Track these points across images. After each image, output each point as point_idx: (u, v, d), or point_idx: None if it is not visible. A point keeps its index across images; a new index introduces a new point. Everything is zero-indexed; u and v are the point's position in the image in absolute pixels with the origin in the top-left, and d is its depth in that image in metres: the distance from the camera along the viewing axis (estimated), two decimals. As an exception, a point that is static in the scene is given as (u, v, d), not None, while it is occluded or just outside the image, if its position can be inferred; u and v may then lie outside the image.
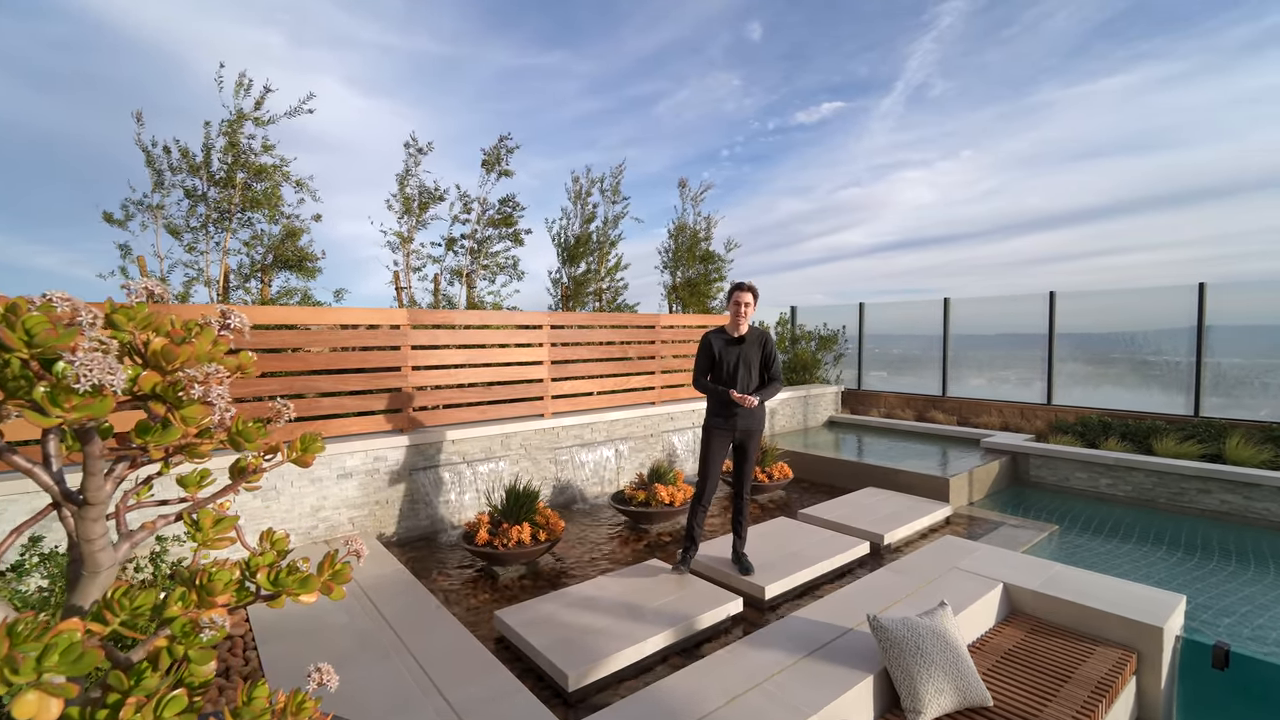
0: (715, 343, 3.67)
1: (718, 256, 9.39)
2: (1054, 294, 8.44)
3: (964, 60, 24.80)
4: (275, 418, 1.13)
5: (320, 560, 1.14)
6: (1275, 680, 2.88)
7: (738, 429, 3.60)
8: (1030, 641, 2.98)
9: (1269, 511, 5.23)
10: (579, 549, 4.37)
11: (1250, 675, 2.94)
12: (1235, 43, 22.17)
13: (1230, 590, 4.09)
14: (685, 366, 7.11)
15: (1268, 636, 3.45)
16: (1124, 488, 6.02)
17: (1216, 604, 3.88)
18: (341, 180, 10.55)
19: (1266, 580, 4.25)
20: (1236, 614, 3.73)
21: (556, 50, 18.66)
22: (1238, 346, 7.29)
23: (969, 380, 9.68)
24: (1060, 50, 23.65)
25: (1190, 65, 23.51)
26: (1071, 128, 26.45)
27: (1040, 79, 24.82)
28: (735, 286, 3.65)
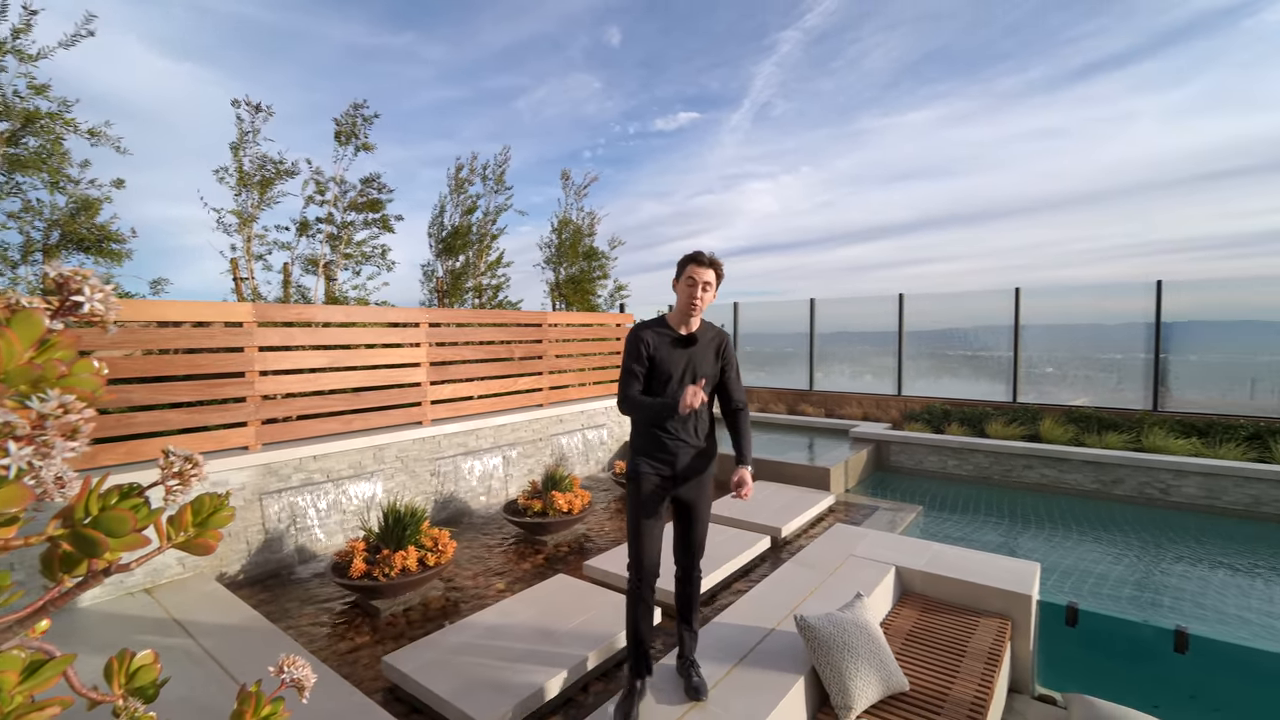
0: (651, 340, 2.34)
1: (601, 254, 9.24)
2: (903, 296, 9.39)
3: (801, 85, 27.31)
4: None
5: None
6: (1112, 630, 3.33)
7: (679, 475, 2.35)
8: (925, 620, 3.16)
9: (1077, 482, 6.19)
10: (472, 569, 3.96)
11: (1092, 628, 3.37)
12: (1008, 90, 26.72)
13: (1062, 553, 4.74)
14: (574, 366, 6.85)
15: (1100, 591, 4.02)
16: (967, 467, 6.81)
17: (1057, 566, 4.46)
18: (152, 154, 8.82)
19: (1087, 543, 4.98)
20: (1074, 574, 4.32)
21: (407, 32, 17.37)
22: (1042, 342, 8.62)
23: (833, 374, 10.48)
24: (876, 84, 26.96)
25: (975, 106, 28.01)
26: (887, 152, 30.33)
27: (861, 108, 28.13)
28: (689, 259, 2.35)
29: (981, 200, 42.42)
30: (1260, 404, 6.86)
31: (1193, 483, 5.65)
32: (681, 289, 2.36)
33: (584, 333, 7.14)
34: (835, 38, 24.15)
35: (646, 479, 2.33)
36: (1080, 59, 26.15)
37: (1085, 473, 6.13)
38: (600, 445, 6.91)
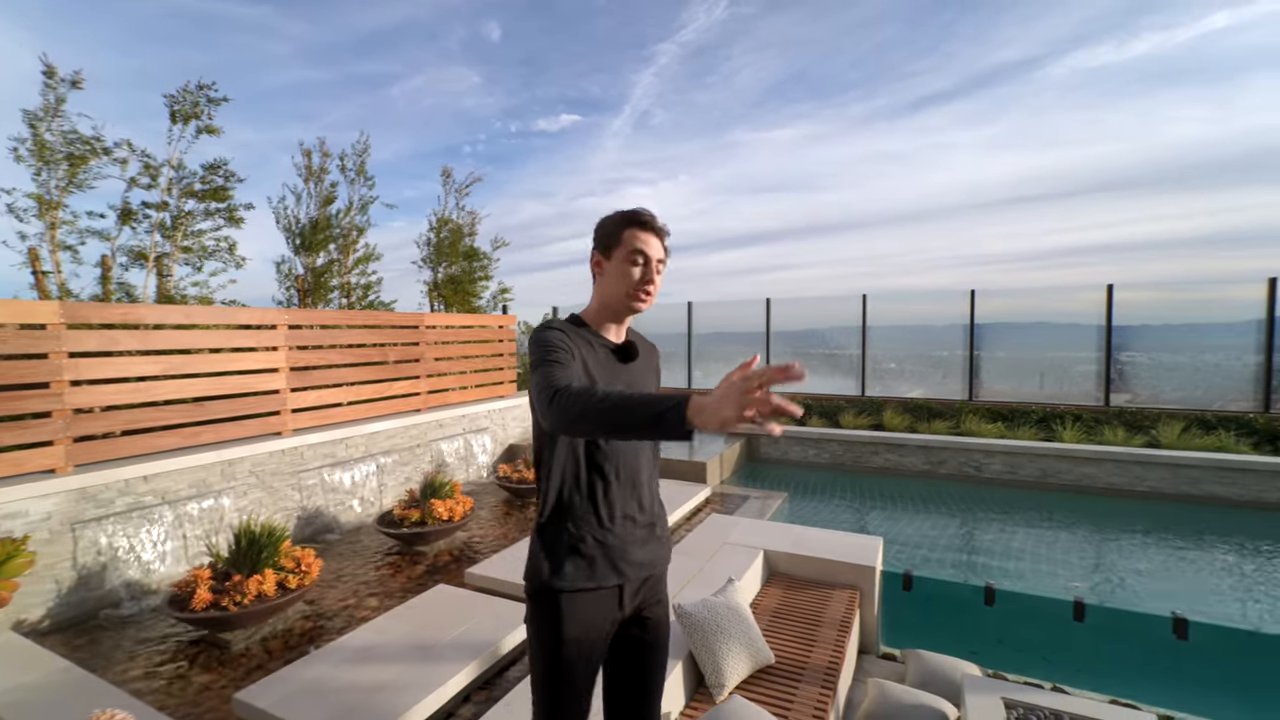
0: (578, 348, 1.40)
1: (483, 254, 8.99)
2: (770, 300, 10.13)
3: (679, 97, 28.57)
4: None
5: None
6: (938, 591, 3.89)
7: (630, 588, 1.44)
8: (789, 597, 3.48)
9: (912, 464, 7.09)
10: (342, 588, 3.71)
11: (923, 591, 3.91)
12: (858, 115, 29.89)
13: (902, 526, 5.41)
14: (454, 369, 6.61)
15: (930, 558, 4.65)
16: (825, 456, 7.53)
17: (898, 539, 5.09)
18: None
19: (920, 517, 5.73)
20: (911, 544, 4.95)
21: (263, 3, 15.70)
22: (886, 341, 9.73)
23: (711, 374, 11.04)
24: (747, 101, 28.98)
25: (831, 128, 31.12)
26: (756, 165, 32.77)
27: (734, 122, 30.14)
28: (629, 219, 1.45)
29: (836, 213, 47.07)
30: (1048, 393, 8.29)
31: (998, 460, 6.71)
32: (616, 269, 1.42)
33: (465, 335, 6.92)
34: (709, 54, 25.45)
35: (577, 607, 1.34)
36: (914, 93, 29.86)
37: (918, 456, 7.04)
38: (484, 450, 6.74)
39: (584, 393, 1.13)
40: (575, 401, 1.12)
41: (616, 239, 1.46)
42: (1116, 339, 7.99)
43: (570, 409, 1.13)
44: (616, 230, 1.46)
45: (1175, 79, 38.26)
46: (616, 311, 1.50)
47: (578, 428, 1.15)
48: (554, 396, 1.16)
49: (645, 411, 1.03)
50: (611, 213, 1.50)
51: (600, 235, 1.49)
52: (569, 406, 1.13)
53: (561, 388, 1.18)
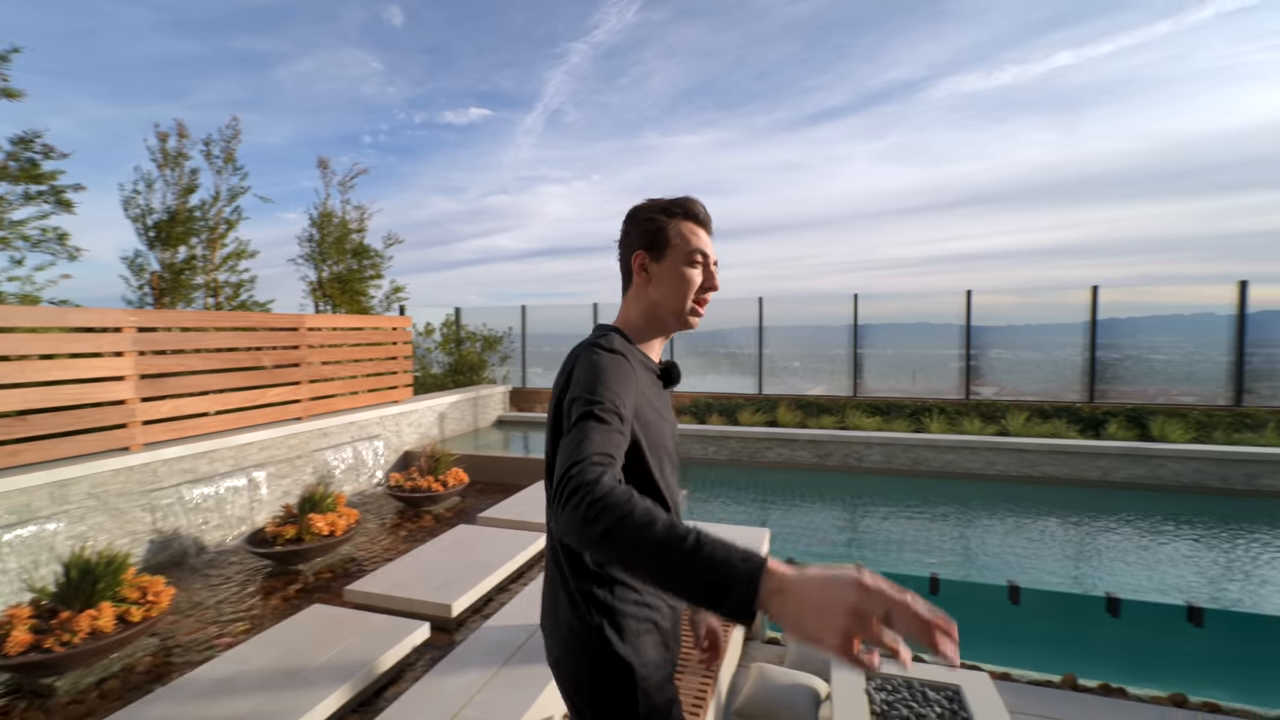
0: (635, 384, 1.09)
1: (374, 251, 8.52)
2: (674, 301, 10.39)
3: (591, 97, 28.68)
4: None
5: None
6: (816, 575, 4.17)
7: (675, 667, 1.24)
8: (679, 591, 3.59)
9: (802, 458, 7.54)
10: (200, 617, 3.38)
11: (804, 576, 4.18)
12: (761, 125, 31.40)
13: (792, 516, 5.74)
14: (342, 374, 6.22)
15: (814, 546, 4.97)
16: (724, 452, 7.83)
17: (787, 528, 5.39)
18: None
19: (809, 507, 6.11)
20: (799, 532, 5.26)
21: (122, -41, 13.97)
22: (782, 341, 10.28)
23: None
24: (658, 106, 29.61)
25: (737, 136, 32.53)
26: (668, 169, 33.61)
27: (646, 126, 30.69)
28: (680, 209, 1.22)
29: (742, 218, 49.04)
30: (919, 388, 9.12)
31: (877, 451, 7.29)
32: (672, 273, 1.18)
33: (354, 337, 6.53)
34: (621, 56, 25.67)
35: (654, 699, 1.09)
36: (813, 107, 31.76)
37: (808, 450, 7.50)
38: (375, 458, 6.39)
39: (621, 506, 0.74)
40: (606, 516, 0.74)
41: (669, 236, 1.19)
42: (976, 338, 8.93)
43: (593, 523, 0.75)
44: (669, 224, 1.19)
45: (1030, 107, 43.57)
46: (665, 325, 1.24)
47: (594, 548, 0.76)
48: (577, 493, 0.79)
49: (703, 577, 0.68)
50: (649, 201, 1.23)
51: (645, 231, 1.20)
52: (592, 518, 0.75)
53: (591, 482, 0.79)
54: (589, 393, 0.98)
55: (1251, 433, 6.74)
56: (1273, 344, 8.04)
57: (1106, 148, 32.37)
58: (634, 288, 1.24)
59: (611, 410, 0.96)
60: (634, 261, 1.22)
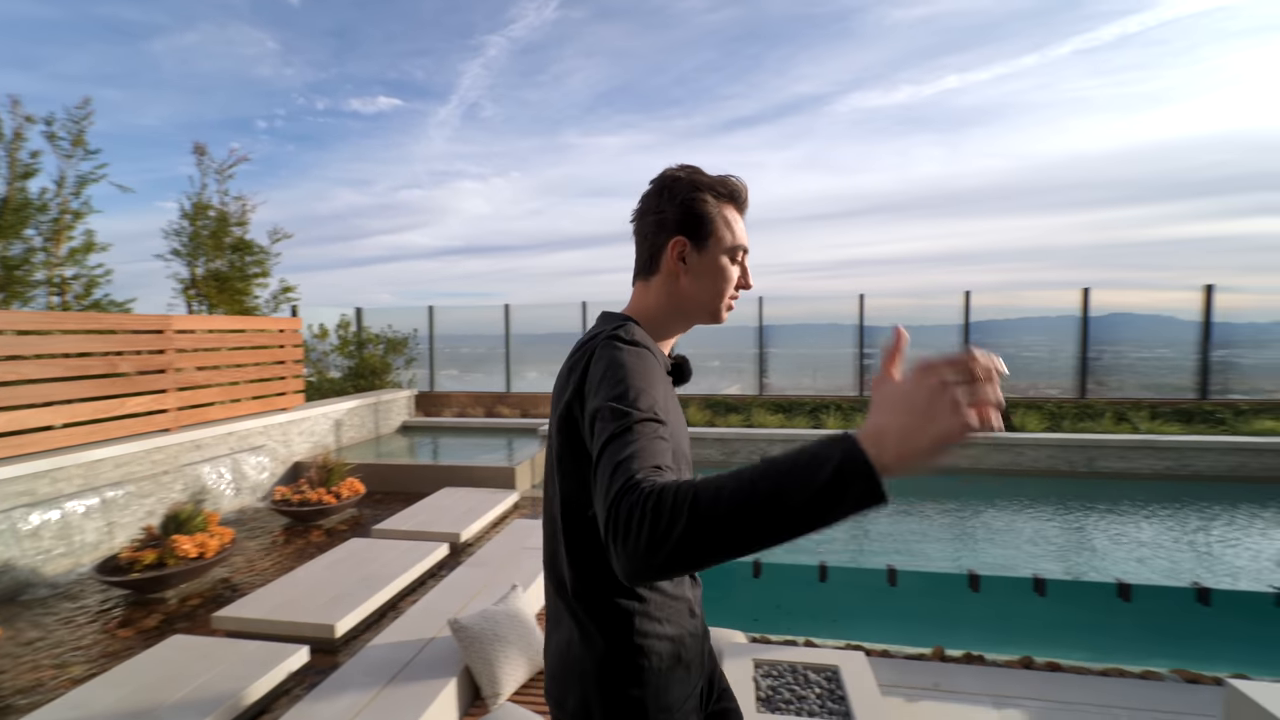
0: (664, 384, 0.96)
1: (258, 247, 7.87)
2: (585, 304, 10.37)
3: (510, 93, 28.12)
4: None
5: None
6: (720, 569, 4.30)
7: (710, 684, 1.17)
8: (581, 594, 3.59)
9: (709, 457, 7.77)
10: (30, 660, 2.98)
11: (707, 571, 4.30)
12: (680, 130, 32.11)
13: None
14: (220, 380, 5.71)
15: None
16: (635, 453, 7.94)
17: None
18: None
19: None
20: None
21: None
22: (697, 341, 10.53)
23: (529, 375, 10.97)
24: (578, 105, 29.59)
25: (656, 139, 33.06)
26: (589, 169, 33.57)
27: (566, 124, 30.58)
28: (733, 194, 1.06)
29: (660, 220, 50.37)
30: (819, 385, 9.66)
31: (778, 448, 7.64)
32: (711, 266, 1.04)
33: (234, 339, 6.01)
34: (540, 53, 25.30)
35: None
36: (727, 115, 32.87)
37: (715, 448, 7.74)
38: (261, 471, 5.92)
39: (708, 501, 0.60)
40: (705, 524, 0.59)
41: (714, 223, 1.03)
42: (869, 338, 9.58)
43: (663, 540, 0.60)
44: (715, 209, 1.03)
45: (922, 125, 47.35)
46: (689, 320, 1.10)
47: (684, 562, 0.62)
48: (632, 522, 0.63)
49: (811, 487, 0.58)
50: (691, 173, 1.05)
51: (690, 213, 1.02)
52: (696, 535, 0.60)
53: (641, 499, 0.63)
54: (621, 400, 0.81)
55: (1092, 421, 7.69)
56: (1110, 342, 9.24)
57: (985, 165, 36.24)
58: (662, 275, 1.04)
59: (651, 416, 0.80)
60: (670, 247, 1.02)
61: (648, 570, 0.62)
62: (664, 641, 0.95)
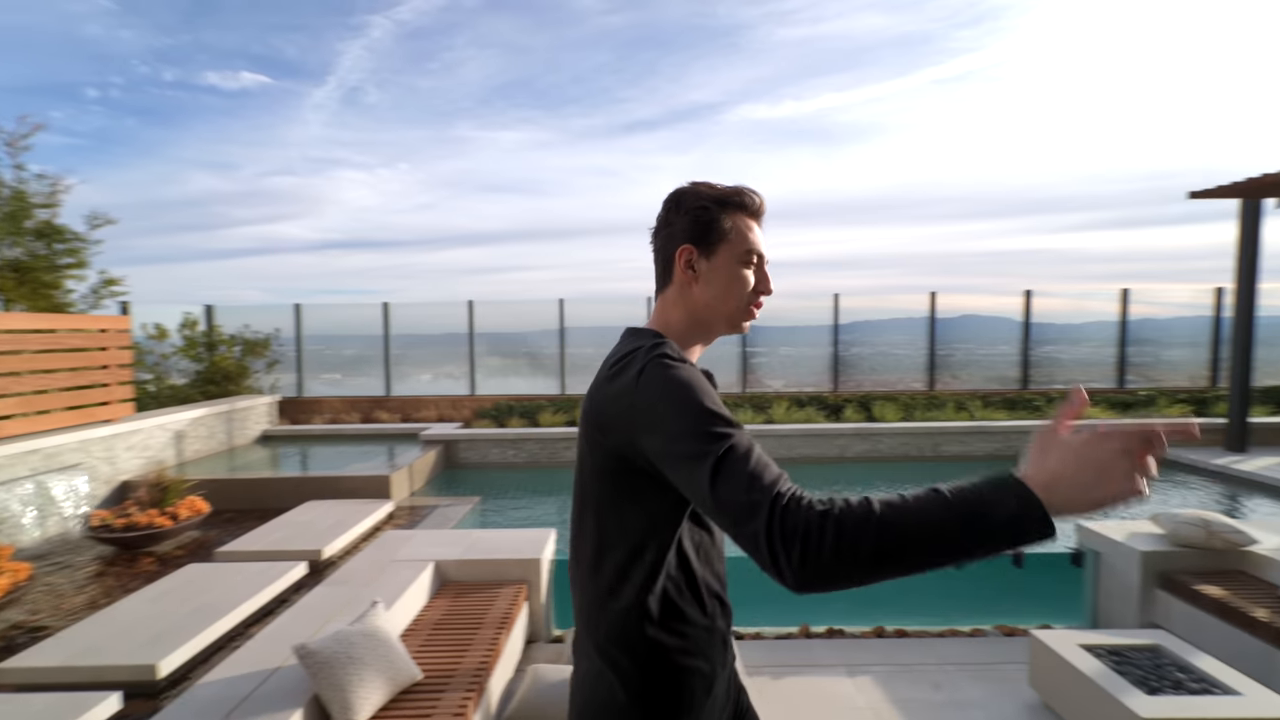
0: None
1: (71, 233, 6.75)
2: (472, 302, 10.01)
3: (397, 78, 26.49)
4: None
5: None
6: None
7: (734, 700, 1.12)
8: (456, 605, 3.43)
9: (599, 454, 7.80)
10: None
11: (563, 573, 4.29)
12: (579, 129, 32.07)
13: (581, 514, 5.89)
14: (16, 389, 4.83)
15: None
16: (523, 455, 7.75)
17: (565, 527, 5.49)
18: None
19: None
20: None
21: None
22: (586, 341, 10.51)
23: (411, 378, 10.38)
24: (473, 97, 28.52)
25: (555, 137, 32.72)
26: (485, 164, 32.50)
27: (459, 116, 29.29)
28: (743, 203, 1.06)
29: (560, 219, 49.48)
30: (705, 384, 10.02)
31: (666, 444, 7.82)
32: (725, 273, 1.04)
33: (39, 341, 5.12)
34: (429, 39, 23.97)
35: None
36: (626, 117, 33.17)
37: (605, 447, 7.78)
38: (74, 495, 5.08)
39: (871, 519, 0.65)
40: (868, 537, 0.64)
41: (723, 230, 1.04)
42: (752, 338, 10.08)
43: (853, 555, 0.64)
44: (721, 216, 1.04)
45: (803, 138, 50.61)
46: (711, 330, 1.10)
47: (864, 577, 0.66)
48: (811, 534, 0.65)
49: (988, 522, 0.64)
50: (698, 186, 1.07)
51: (696, 221, 1.04)
52: (851, 550, 0.64)
53: (818, 513, 0.67)
54: (709, 419, 0.79)
55: (938, 410, 8.64)
56: (960, 340, 10.47)
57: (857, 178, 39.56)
58: (675, 286, 1.06)
59: (741, 427, 0.81)
60: (679, 257, 1.03)
61: (827, 580, 0.65)
62: (698, 676, 0.93)
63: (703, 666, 0.94)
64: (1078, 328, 10.63)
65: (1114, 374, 10.08)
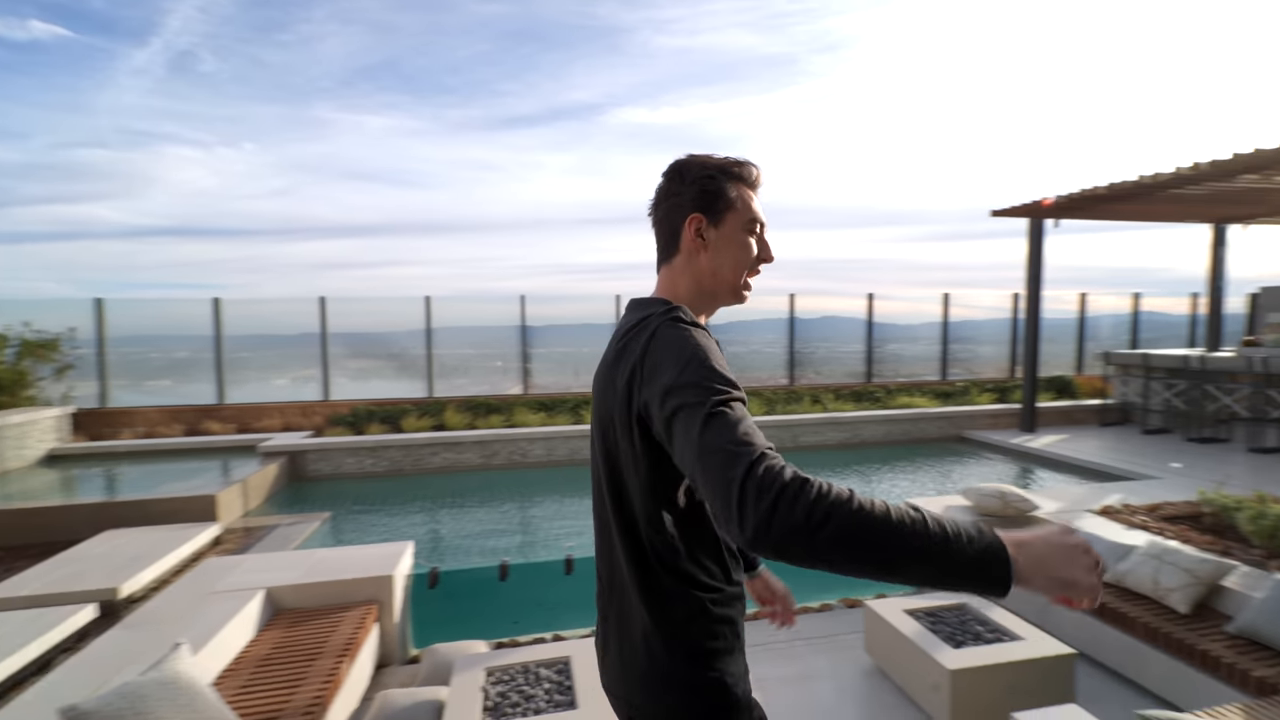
0: None
1: None
2: (324, 299, 9.12)
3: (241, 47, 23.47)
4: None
5: None
6: (463, 579, 4.09)
7: None
8: (290, 636, 3.06)
9: (469, 460, 7.45)
10: None
11: (450, 583, 4.05)
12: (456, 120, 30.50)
13: (451, 523, 5.55)
14: None
15: (471, 548, 4.87)
16: (383, 464, 7.19)
17: (444, 536, 5.17)
18: None
19: (471, 510, 6.01)
20: (457, 538, 5.09)
21: None
22: (456, 341, 10.00)
23: (253, 384, 9.24)
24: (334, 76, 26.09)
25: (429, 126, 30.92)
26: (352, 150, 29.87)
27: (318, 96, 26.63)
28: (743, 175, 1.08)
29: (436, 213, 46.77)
30: (581, 383, 9.96)
31: (539, 446, 7.67)
32: (730, 241, 1.07)
33: None
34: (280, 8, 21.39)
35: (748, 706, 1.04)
36: (507, 111, 32.19)
37: (475, 451, 7.44)
38: None
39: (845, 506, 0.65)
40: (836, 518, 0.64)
41: (729, 198, 1.05)
42: (626, 338, 10.20)
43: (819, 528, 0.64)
44: (726, 186, 1.05)
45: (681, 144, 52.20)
46: (716, 299, 1.11)
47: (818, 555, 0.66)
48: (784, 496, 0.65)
49: (963, 557, 0.67)
50: (701, 158, 1.07)
51: (704, 191, 1.05)
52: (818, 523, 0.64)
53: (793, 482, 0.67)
54: (711, 376, 0.81)
55: (796, 404, 9.33)
56: (822, 339, 11.40)
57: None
58: (682, 256, 1.06)
59: (743, 397, 0.82)
60: (688, 225, 1.04)
61: (785, 540, 0.64)
62: (728, 624, 0.99)
63: (732, 615, 1.01)
64: (914, 328, 12.04)
65: (939, 368, 11.53)
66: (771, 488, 0.65)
